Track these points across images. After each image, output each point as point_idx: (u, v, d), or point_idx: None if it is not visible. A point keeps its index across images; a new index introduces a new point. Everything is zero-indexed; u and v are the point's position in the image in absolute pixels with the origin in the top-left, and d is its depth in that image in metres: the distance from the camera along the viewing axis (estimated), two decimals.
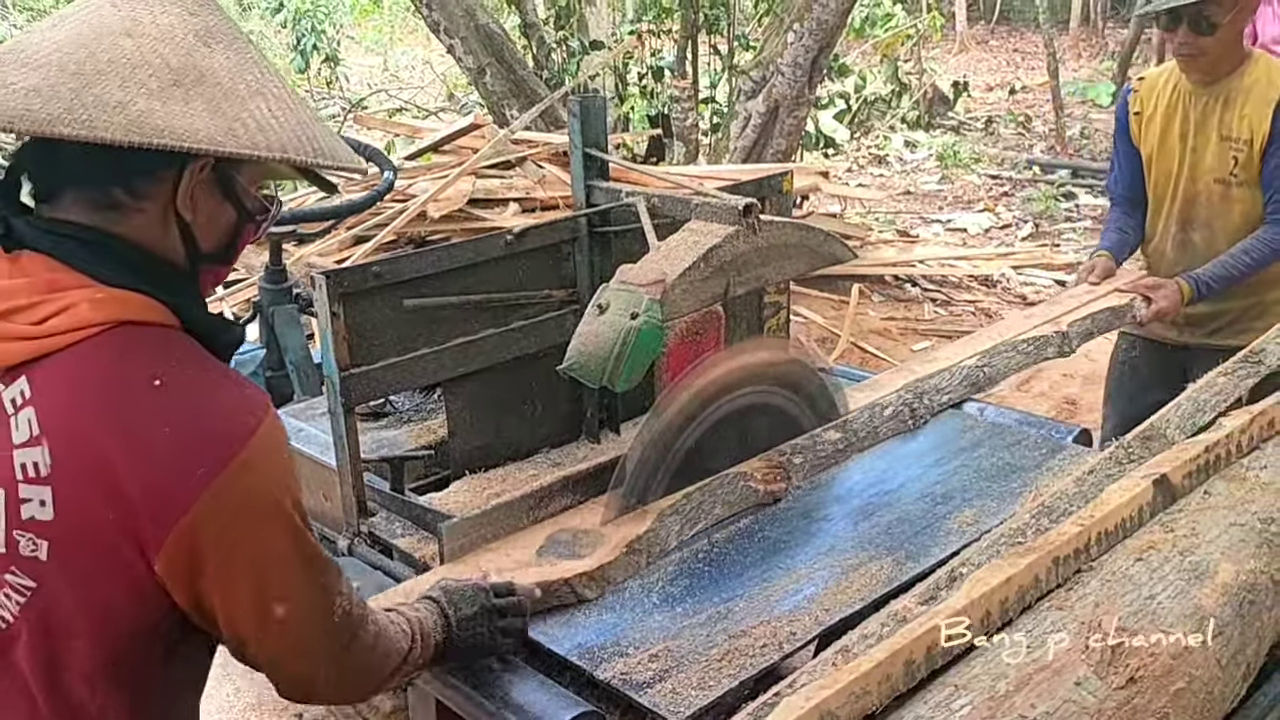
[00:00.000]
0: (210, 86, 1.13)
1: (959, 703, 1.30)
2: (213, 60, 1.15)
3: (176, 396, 1.10)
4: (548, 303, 2.37)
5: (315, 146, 1.19)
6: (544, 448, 2.44)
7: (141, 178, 1.15)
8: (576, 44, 7.67)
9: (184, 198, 1.17)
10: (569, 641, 1.70)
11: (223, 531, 1.11)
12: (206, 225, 1.22)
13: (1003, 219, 7.95)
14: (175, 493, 1.07)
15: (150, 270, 1.16)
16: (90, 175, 1.14)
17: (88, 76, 1.08)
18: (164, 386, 1.10)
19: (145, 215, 1.16)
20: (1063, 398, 4.72)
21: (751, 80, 6.77)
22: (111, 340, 1.11)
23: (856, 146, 10.30)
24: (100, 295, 1.12)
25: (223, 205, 1.22)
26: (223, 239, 1.25)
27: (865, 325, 5.59)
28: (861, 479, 2.18)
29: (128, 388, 1.09)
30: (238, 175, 1.21)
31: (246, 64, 1.18)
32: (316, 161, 1.18)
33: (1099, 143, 10.23)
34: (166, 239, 1.19)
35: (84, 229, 1.14)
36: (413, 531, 2.10)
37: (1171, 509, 1.70)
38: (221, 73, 1.14)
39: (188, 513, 1.07)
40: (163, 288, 1.17)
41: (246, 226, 1.27)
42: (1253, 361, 2.12)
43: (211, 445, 1.09)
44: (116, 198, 1.14)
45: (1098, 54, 14.76)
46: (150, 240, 1.17)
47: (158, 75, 1.10)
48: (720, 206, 2.09)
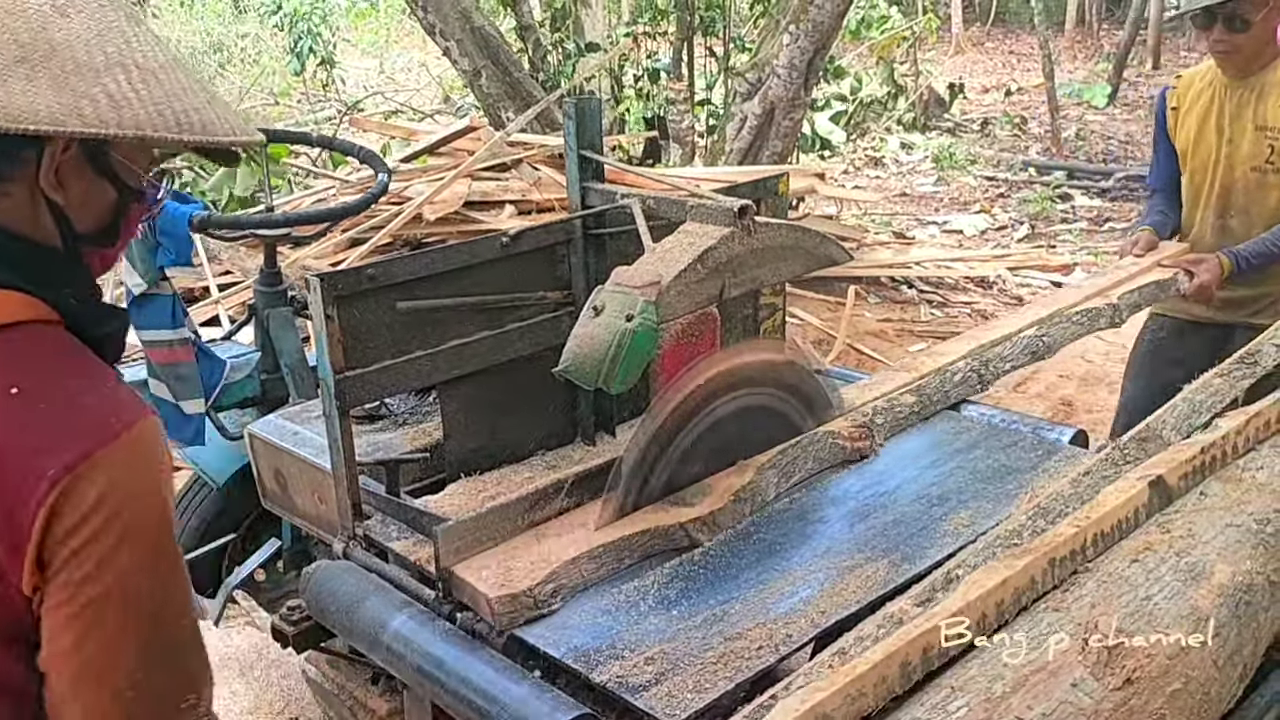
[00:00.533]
0: (61, 61, 1.06)
1: (955, 704, 1.30)
2: (68, 30, 1.08)
3: (34, 401, 1.05)
4: (543, 305, 2.36)
5: (183, 121, 1.10)
6: (539, 450, 2.44)
7: (1, 159, 1.10)
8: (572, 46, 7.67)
9: (48, 178, 1.11)
10: (564, 644, 1.70)
11: (65, 539, 1.04)
12: (81, 205, 1.15)
13: (999, 220, 7.96)
14: (27, 500, 1.02)
15: (24, 258, 1.12)
16: None
17: None
18: (21, 394, 1.05)
19: (11, 198, 1.11)
20: (1059, 399, 4.73)
21: (747, 82, 6.77)
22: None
23: (852, 148, 10.31)
24: None
25: (97, 184, 1.16)
26: (102, 219, 1.18)
27: (861, 327, 5.60)
28: (857, 481, 2.18)
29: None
30: (112, 152, 1.14)
31: (109, 32, 1.10)
32: (180, 137, 1.09)
33: (1094, 144, 10.26)
34: (38, 221, 1.13)
35: None
36: (408, 534, 2.10)
37: (1168, 510, 1.70)
38: (76, 45, 1.07)
39: (35, 520, 1.02)
40: (39, 277, 1.12)
41: (131, 205, 1.20)
42: (1248, 363, 2.12)
43: (64, 449, 1.03)
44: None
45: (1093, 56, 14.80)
46: (20, 223, 1.12)
47: (2, 52, 1.05)
48: (716, 208, 2.09)
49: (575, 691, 1.64)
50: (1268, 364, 2.09)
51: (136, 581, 1.07)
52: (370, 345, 2.12)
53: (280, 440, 2.41)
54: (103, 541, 1.04)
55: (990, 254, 6.94)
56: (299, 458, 2.36)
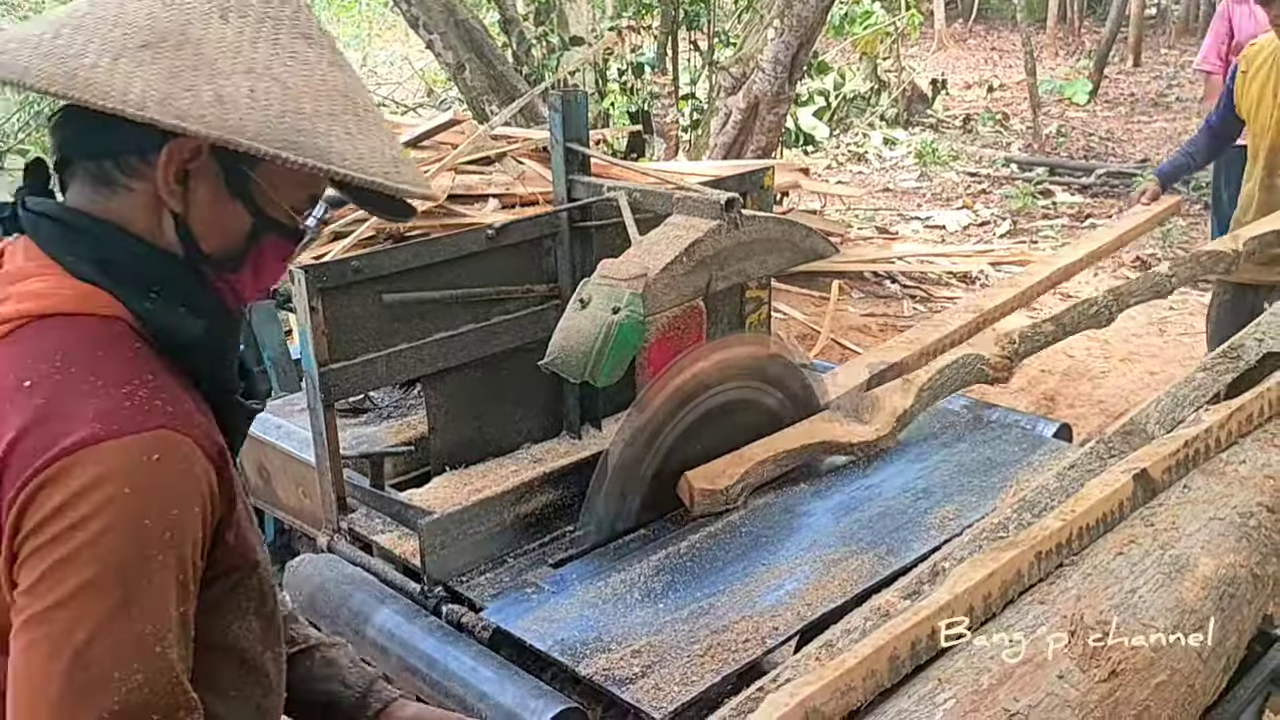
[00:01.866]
0: (186, 54, 0.98)
1: (942, 696, 1.30)
2: (214, 30, 1.00)
3: (36, 398, 0.96)
4: (528, 298, 2.36)
5: (298, 139, 0.99)
6: (525, 443, 2.43)
7: (129, 153, 1.03)
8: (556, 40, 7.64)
9: (165, 182, 1.03)
10: (551, 638, 1.69)
11: (24, 541, 0.94)
12: (206, 223, 1.06)
13: (981, 216, 7.98)
14: (3, 499, 0.95)
15: (127, 256, 1.04)
16: (88, 147, 1.05)
17: (66, 30, 0.99)
18: (31, 388, 0.97)
19: (136, 197, 1.05)
20: (1041, 394, 4.74)
21: (732, 77, 6.76)
22: (21, 336, 1.01)
23: (836, 144, 10.32)
24: (31, 287, 1.03)
25: (230, 205, 1.07)
26: (231, 243, 1.08)
27: (845, 322, 5.60)
28: (842, 474, 2.18)
29: (2, 390, 0.98)
30: (251, 173, 1.05)
31: (261, 42, 1.01)
32: (284, 155, 0.98)
33: (1076, 141, 10.30)
34: (158, 228, 1.06)
35: (66, 210, 1.06)
36: (393, 528, 2.09)
37: (1152, 504, 1.71)
38: (212, 44, 0.99)
39: (7, 517, 0.94)
40: (124, 272, 1.04)
41: (268, 238, 1.09)
42: (1231, 357, 2.13)
43: (47, 446, 0.94)
44: (109, 173, 1.04)
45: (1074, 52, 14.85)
46: (139, 224, 1.05)
47: (131, 34, 0.98)
48: (702, 201, 2.09)
49: (562, 685, 1.64)
50: (1250, 358, 2.10)
51: (77, 611, 0.92)
52: (355, 338, 2.10)
53: (263, 434, 2.39)
54: (50, 553, 0.92)
55: (972, 249, 6.95)
56: (282, 451, 2.35)
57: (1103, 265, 6.68)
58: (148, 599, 0.95)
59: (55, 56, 0.98)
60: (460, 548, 1.93)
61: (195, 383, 1.08)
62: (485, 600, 1.84)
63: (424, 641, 1.77)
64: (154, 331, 1.05)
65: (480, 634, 1.78)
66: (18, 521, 0.94)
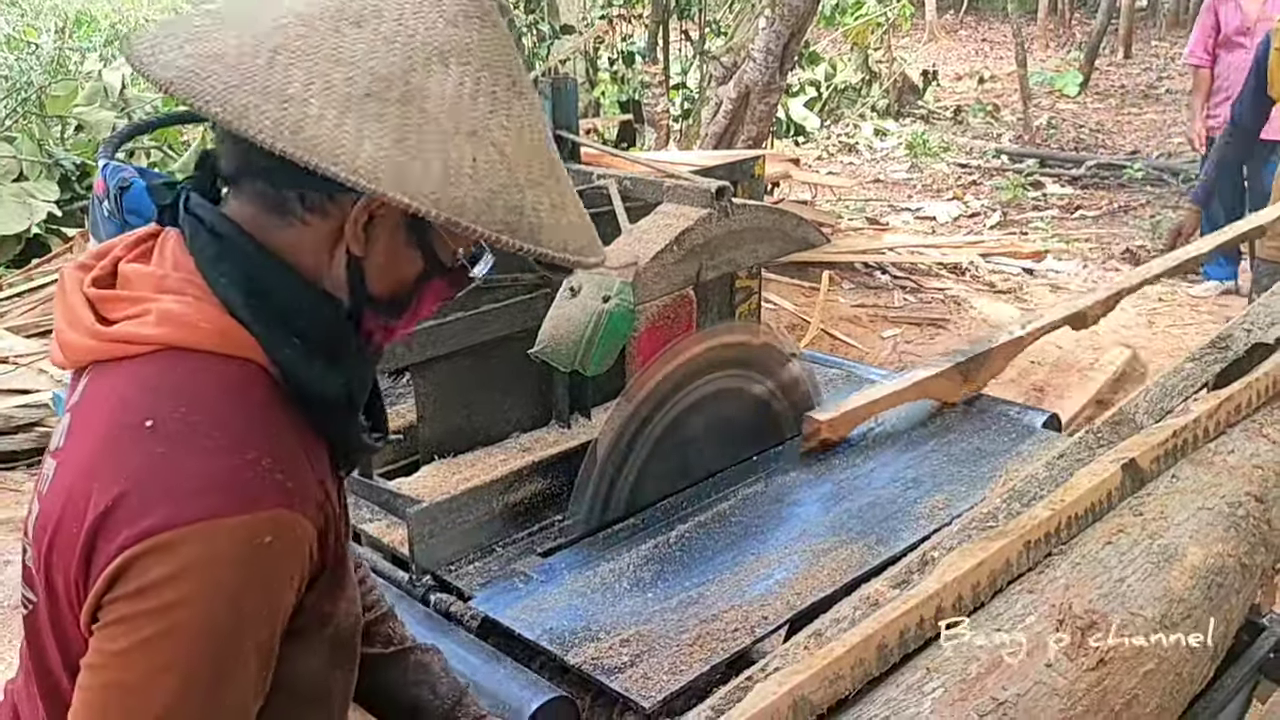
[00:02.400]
0: (411, 110, 0.92)
1: (931, 685, 1.30)
2: (437, 81, 0.94)
3: (156, 445, 0.92)
4: (518, 286, 2.35)
5: (511, 221, 0.95)
6: (514, 432, 2.43)
7: (316, 191, 0.97)
8: (547, 28, 7.61)
9: (353, 229, 0.98)
10: (539, 626, 1.69)
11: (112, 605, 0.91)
12: (381, 267, 1.02)
13: (971, 207, 8.00)
14: (103, 548, 0.92)
15: (280, 293, 0.99)
16: (269, 170, 0.97)
17: (281, 58, 0.91)
18: (153, 429, 0.93)
19: (312, 232, 0.99)
20: (1030, 384, 4.75)
21: (723, 66, 6.75)
22: (153, 363, 0.97)
23: (827, 134, 10.32)
24: (172, 309, 0.98)
25: (407, 252, 1.02)
26: (399, 288, 1.04)
27: (835, 312, 5.61)
28: (832, 464, 2.18)
29: (126, 422, 0.94)
30: (434, 224, 0.99)
31: (481, 95, 0.95)
32: (500, 237, 0.94)
33: (1066, 133, 10.32)
34: (329, 267, 1.01)
35: (230, 225, 1.00)
36: (381, 516, 2.08)
37: (1140, 493, 1.71)
38: (436, 98, 0.93)
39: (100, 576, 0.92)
40: (278, 316, 0.99)
41: (433, 283, 1.06)
42: (1220, 347, 2.13)
43: (152, 511, 0.90)
44: (288, 203, 0.99)
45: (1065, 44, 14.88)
46: (306, 262, 1.00)
47: (355, 80, 0.91)
48: (693, 190, 2.08)
49: (550, 674, 1.64)
50: (1238, 349, 2.11)
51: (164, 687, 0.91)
52: None
53: None
54: (146, 625, 0.90)
55: (963, 241, 6.96)
56: None
57: (1091, 258, 6.70)
58: (237, 677, 0.94)
59: (275, 97, 0.90)
60: (449, 536, 1.92)
61: (321, 432, 1.04)
62: (474, 589, 1.84)
63: (412, 630, 1.76)
64: (292, 385, 1.00)
65: (469, 623, 1.77)
66: (115, 577, 0.91)
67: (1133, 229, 7.27)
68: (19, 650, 1.12)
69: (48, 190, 6.06)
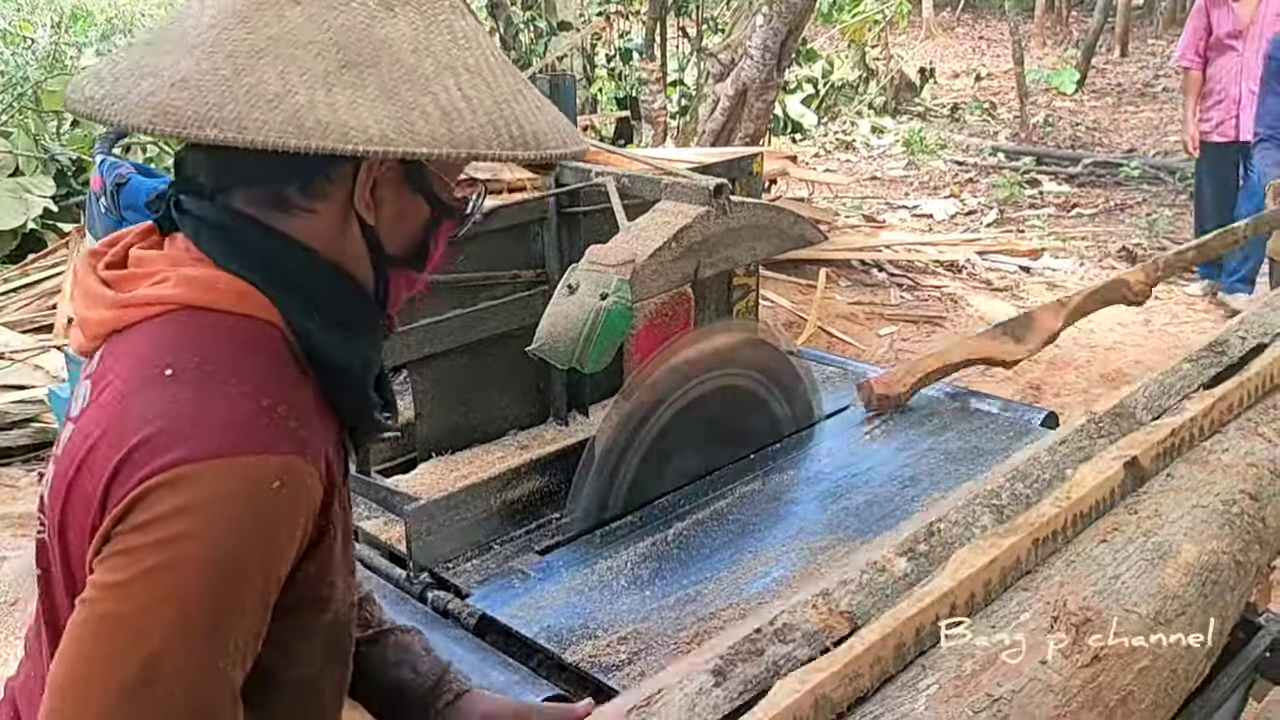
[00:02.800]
0: (388, 66, 0.93)
1: (925, 681, 1.30)
2: (393, 27, 0.95)
3: (179, 391, 0.93)
4: (516, 283, 2.35)
5: (515, 134, 0.97)
6: (511, 430, 2.43)
7: (315, 176, 0.99)
8: (544, 24, 7.61)
9: (362, 198, 1.00)
10: (537, 624, 1.69)
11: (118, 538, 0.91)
12: (393, 225, 1.04)
13: (968, 205, 8.00)
14: (117, 490, 0.92)
15: (298, 269, 1.00)
16: (258, 174, 0.98)
17: (242, 60, 0.91)
18: (174, 377, 0.94)
19: (319, 218, 1.01)
20: (1027, 382, 4.76)
21: (720, 63, 6.75)
22: (170, 322, 0.98)
23: (824, 132, 10.33)
24: (190, 273, 0.99)
25: (413, 201, 1.05)
26: (414, 238, 1.07)
27: (832, 310, 5.61)
28: (830, 462, 2.19)
29: (145, 374, 0.95)
30: (430, 165, 1.02)
31: (435, 27, 0.97)
32: (514, 155, 0.97)
33: (1063, 131, 10.33)
34: (344, 243, 1.02)
35: (233, 216, 1.00)
36: (379, 514, 2.08)
37: (1136, 491, 1.71)
38: (403, 44, 0.95)
39: (111, 511, 0.91)
40: (297, 288, 1.00)
41: (444, 223, 1.08)
42: (1217, 351, 2.13)
43: (172, 447, 0.90)
44: (289, 197, 0.99)
45: (1062, 42, 14.89)
46: (323, 244, 1.01)
47: (325, 55, 0.92)
48: (690, 187, 2.08)
49: (548, 672, 1.64)
50: (1234, 354, 2.11)
51: (160, 620, 0.89)
52: None
53: None
54: (151, 555, 0.89)
55: (960, 238, 6.97)
56: None
57: (1087, 256, 6.71)
58: (228, 622, 0.93)
59: (260, 100, 0.90)
60: (446, 534, 1.92)
61: (333, 402, 1.05)
62: (471, 586, 1.84)
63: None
64: (307, 350, 1.01)
65: (466, 620, 1.78)
66: (126, 510, 0.91)
67: (1129, 227, 7.28)
68: (21, 645, 1.12)
69: (43, 185, 6.05)
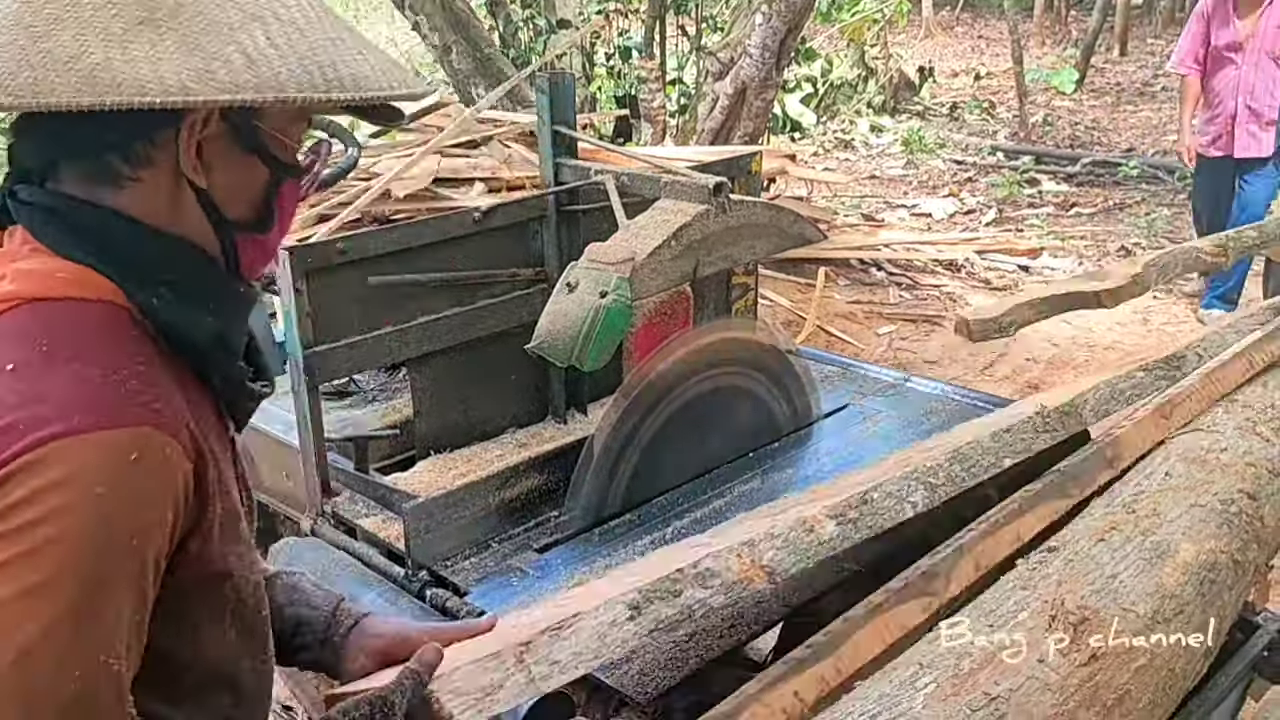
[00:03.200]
0: (190, 18, 0.92)
1: (923, 680, 1.30)
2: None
3: (19, 382, 0.90)
4: (515, 281, 2.35)
5: (330, 76, 0.95)
6: (510, 428, 2.43)
7: (136, 141, 0.96)
8: (543, 22, 7.61)
9: (188, 160, 0.98)
10: None
11: None
12: (228, 188, 1.02)
13: (967, 204, 8.00)
14: None
15: (135, 247, 0.98)
16: (80, 147, 0.96)
17: (40, 28, 0.90)
18: (14, 371, 0.91)
19: (147, 186, 0.98)
20: (1025, 382, 4.76)
21: (719, 62, 6.75)
22: (12, 318, 0.95)
23: (823, 131, 10.32)
24: (26, 267, 0.97)
25: (246, 161, 1.02)
26: (255, 202, 1.04)
27: (831, 309, 5.61)
28: (827, 460, 2.19)
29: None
30: (259, 123, 1.00)
31: None
32: (328, 95, 0.95)
33: (1061, 130, 10.33)
34: (180, 212, 1.00)
35: (64, 199, 0.98)
36: (377, 511, 2.09)
37: (1133, 490, 1.71)
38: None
39: None
40: (137, 266, 0.98)
41: (285, 183, 1.06)
42: (1172, 365, 2.12)
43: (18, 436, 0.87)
44: (114, 169, 0.97)
45: (1061, 41, 14.88)
46: (157, 216, 0.99)
47: (123, 14, 0.91)
48: (690, 185, 2.08)
49: None
50: (1188, 370, 2.10)
51: (29, 610, 0.85)
52: (340, 321, 2.09)
53: None
54: (10, 545, 0.86)
55: (958, 237, 6.97)
56: (266, 434, 2.34)
57: (1086, 255, 6.72)
58: (103, 607, 0.89)
59: (55, 63, 0.89)
60: (445, 532, 1.92)
61: (198, 373, 1.03)
62: (469, 585, 1.84)
63: None
64: (159, 327, 0.99)
65: (464, 618, 1.78)
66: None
67: (1128, 226, 7.28)
68: None
69: None
